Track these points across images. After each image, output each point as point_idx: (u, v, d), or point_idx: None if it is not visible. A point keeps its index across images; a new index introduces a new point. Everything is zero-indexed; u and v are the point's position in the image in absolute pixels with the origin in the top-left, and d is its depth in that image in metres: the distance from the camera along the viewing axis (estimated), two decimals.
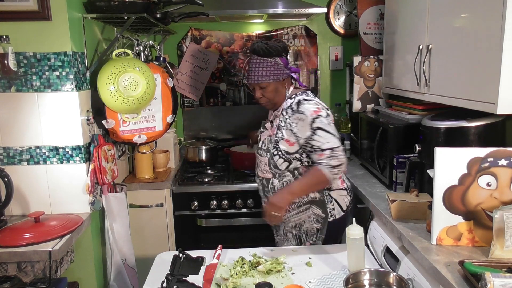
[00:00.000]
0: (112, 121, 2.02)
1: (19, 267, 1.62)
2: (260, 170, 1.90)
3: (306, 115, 1.73)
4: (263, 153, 1.87)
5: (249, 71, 1.80)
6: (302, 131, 1.74)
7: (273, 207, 1.64)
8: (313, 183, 1.73)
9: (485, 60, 1.52)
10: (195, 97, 3.08)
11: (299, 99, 1.79)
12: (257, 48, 1.77)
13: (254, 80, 1.79)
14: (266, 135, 1.88)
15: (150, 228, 2.54)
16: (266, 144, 1.86)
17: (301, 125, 1.74)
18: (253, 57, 1.79)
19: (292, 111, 1.78)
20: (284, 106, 1.83)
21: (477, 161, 1.40)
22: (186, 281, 1.32)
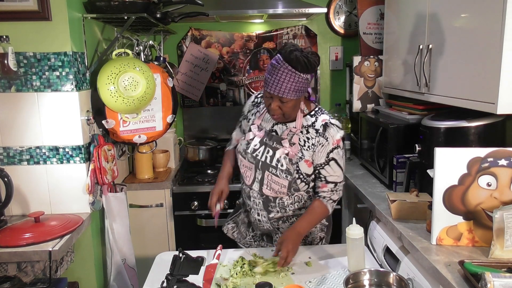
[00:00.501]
0: (112, 121, 2.02)
1: (19, 267, 1.62)
2: (269, 189, 1.68)
3: (329, 143, 1.62)
4: (281, 174, 1.63)
5: (274, 79, 1.51)
6: (319, 157, 1.64)
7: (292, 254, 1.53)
8: (318, 220, 1.70)
9: (485, 60, 1.52)
10: (195, 97, 3.08)
11: (326, 122, 1.64)
12: (295, 59, 1.48)
13: (279, 93, 1.51)
14: (281, 153, 1.63)
15: (150, 228, 2.54)
16: (285, 165, 1.62)
17: (320, 150, 1.63)
18: (285, 66, 1.49)
19: (316, 133, 1.63)
20: (304, 123, 1.65)
21: (477, 161, 1.40)
22: (186, 281, 1.32)
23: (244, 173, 1.75)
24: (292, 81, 1.50)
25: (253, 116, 1.78)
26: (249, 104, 1.84)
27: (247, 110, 1.83)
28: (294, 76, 1.50)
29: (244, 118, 1.84)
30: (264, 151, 1.67)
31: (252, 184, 1.72)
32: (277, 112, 1.59)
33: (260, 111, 1.76)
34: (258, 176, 1.69)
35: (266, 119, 1.72)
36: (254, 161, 1.69)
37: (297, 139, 1.64)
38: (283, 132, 1.67)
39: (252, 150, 1.69)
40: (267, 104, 1.60)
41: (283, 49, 1.52)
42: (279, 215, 1.73)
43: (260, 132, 1.70)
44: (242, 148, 1.74)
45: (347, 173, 2.52)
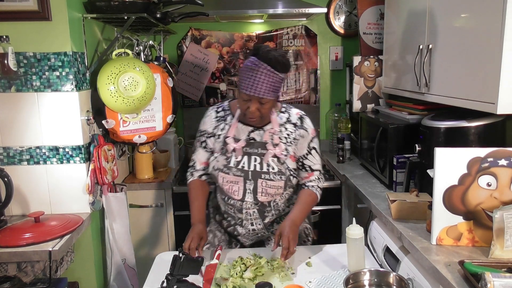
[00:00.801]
0: (112, 121, 2.02)
1: (19, 267, 1.62)
2: (265, 194, 1.66)
3: (308, 133, 1.69)
4: (275, 177, 1.64)
5: (253, 81, 1.49)
6: (300, 149, 1.69)
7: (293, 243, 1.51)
8: (310, 208, 1.73)
9: (485, 60, 1.52)
10: (195, 97, 3.08)
11: (300, 115, 1.70)
12: (274, 59, 1.49)
13: (260, 94, 1.50)
14: (269, 157, 1.63)
15: (150, 228, 2.54)
16: (276, 167, 1.64)
17: (301, 142, 1.68)
18: (264, 66, 1.49)
19: (295, 126, 1.67)
20: (279, 121, 1.66)
21: (477, 161, 1.40)
22: (186, 281, 1.32)
23: (230, 189, 1.68)
24: (271, 81, 1.50)
25: (221, 131, 1.69)
26: (212, 120, 1.73)
27: (211, 127, 1.72)
28: (273, 76, 1.50)
29: (208, 136, 1.72)
30: (250, 160, 1.64)
31: (244, 197, 1.67)
32: (256, 115, 1.56)
33: (229, 123, 1.69)
34: (249, 186, 1.65)
35: (239, 129, 1.67)
36: (242, 173, 1.64)
37: (277, 138, 1.65)
38: (262, 136, 1.65)
39: (236, 163, 1.64)
40: (244, 108, 1.56)
41: (259, 50, 1.52)
42: (274, 218, 1.74)
43: (239, 143, 1.64)
44: (221, 164, 1.66)
45: (347, 173, 2.52)
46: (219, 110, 1.74)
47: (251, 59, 1.52)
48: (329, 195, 2.57)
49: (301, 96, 3.13)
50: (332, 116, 3.06)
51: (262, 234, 1.77)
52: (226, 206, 1.75)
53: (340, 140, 2.78)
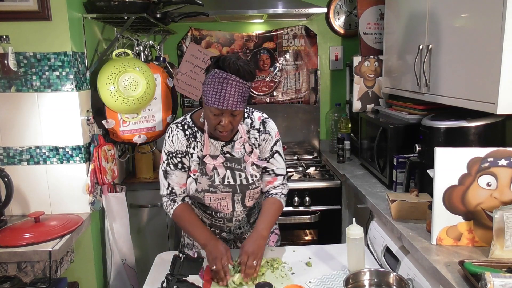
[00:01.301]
0: (112, 121, 2.02)
1: (19, 267, 1.62)
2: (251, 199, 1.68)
3: (272, 136, 1.65)
4: (258, 183, 1.65)
5: (224, 94, 1.41)
6: (263, 152, 1.65)
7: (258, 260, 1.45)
8: (276, 217, 1.66)
9: (485, 60, 1.52)
10: (195, 97, 3.08)
11: (262, 119, 1.65)
12: (242, 70, 1.43)
13: (232, 107, 1.43)
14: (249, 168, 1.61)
15: (150, 228, 2.54)
16: (257, 174, 1.64)
17: (264, 146, 1.65)
18: (233, 78, 1.42)
19: (258, 132, 1.63)
20: (245, 128, 1.62)
21: (477, 161, 1.40)
22: (186, 281, 1.32)
23: (218, 206, 1.64)
24: (241, 92, 1.44)
25: (194, 150, 1.59)
26: (181, 139, 1.59)
27: (183, 146, 1.59)
28: (243, 87, 1.44)
29: (183, 156, 1.59)
30: (234, 175, 1.61)
31: (233, 209, 1.66)
32: (228, 128, 1.49)
33: (201, 141, 1.60)
34: (237, 198, 1.64)
35: (211, 146, 1.60)
36: (231, 188, 1.61)
37: (248, 146, 1.62)
38: (233, 148, 1.61)
39: (221, 180, 1.60)
40: (215, 123, 1.47)
41: (224, 62, 1.43)
42: (257, 215, 1.75)
43: (218, 160, 1.58)
44: (205, 185, 1.60)
45: (347, 173, 2.52)
46: (185, 127, 1.60)
47: (216, 72, 1.43)
48: (329, 195, 2.57)
49: (301, 96, 3.13)
50: (332, 116, 3.06)
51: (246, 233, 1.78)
52: (213, 220, 1.71)
53: (340, 140, 2.78)
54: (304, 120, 3.13)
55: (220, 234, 1.74)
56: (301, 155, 3.15)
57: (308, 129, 3.14)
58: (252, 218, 1.76)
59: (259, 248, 1.48)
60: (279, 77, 3.09)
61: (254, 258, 1.44)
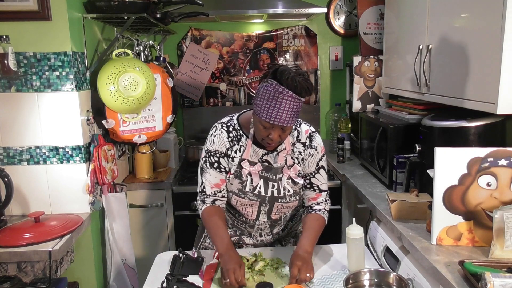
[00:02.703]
0: (112, 121, 2.02)
1: (19, 267, 1.62)
2: (278, 213, 1.64)
3: (318, 152, 1.61)
4: (290, 199, 1.61)
5: (278, 109, 1.37)
6: (308, 167, 1.62)
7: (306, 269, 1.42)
8: (319, 233, 1.61)
9: (485, 60, 1.52)
10: (195, 97, 3.08)
11: (309, 133, 1.62)
12: (300, 86, 1.37)
13: (284, 123, 1.39)
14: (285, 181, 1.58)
15: (150, 228, 2.54)
16: (291, 189, 1.60)
17: (310, 160, 1.61)
18: (289, 94, 1.37)
19: (303, 146, 1.60)
20: (291, 141, 1.59)
21: (477, 161, 1.40)
22: (186, 281, 1.32)
23: (243, 210, 1.63)
24: (295, 108, 1.40)
25: (235, 154, 1.57)
26: (224, 140, 1.57)
27: (224, 147, 1.57)
28: (298, 103, 1.39)
29: (221, 156, 1.57)
30: (267, 186, 1.58)
31: (257, 217, 1.64)
32: (276, 141, 1.47)
33: (244, 145, 1.57)
34: (264, 208, 1.62)
35: (252, 152, 1.57)
36: (259, 198, 1.59)
37: (290, 159, 1.58)
38: (276, 158, 1.58)
39: (252, 188, 1.58)
40: (263, 134, 1.45)
41: (282, 74, 1.38)
42: (282, 227, 1.74)
43: (256, 167, 1.56)
44: (235, 188, 1.59)
45: (347, 173, 2.52)
46: (230, 129, 1.58)
47: (272, 84, 1.38)
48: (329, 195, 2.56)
49: None
50: (332, 116, 3.06)
51: (269, 243, 1.76)
52: (235, 221, 1.71)
53: (340, 140, 2.78)
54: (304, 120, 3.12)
55: (241, 236, 1.73)
56: None
57: None
58: (276, 229, 1.71)
59: (308, 263, 1.44)
60: None
61: (306, 271, 1.40)
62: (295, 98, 1.38)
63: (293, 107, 1.39)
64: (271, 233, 1.72)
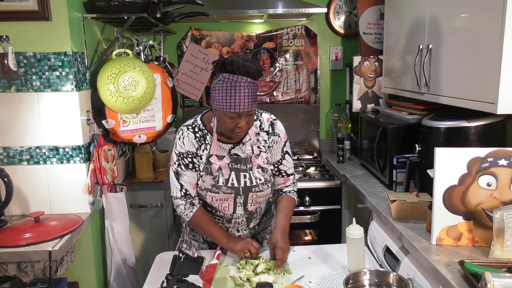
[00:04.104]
0: (112, 121, 2.02)
1: (19, 267, 1.62)
2: (254, 203, 1.67)
3: (281, 138, 1.67)
4: (263, 187, 1.65)
5: (239, 97, 1.43)
6: (274, 154, 1.68)
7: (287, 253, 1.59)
8: (291, 212, 1.73)
9: (485, 60, 1.52)
10: (195, 97, 3.07)
11: (271, 120, 1.67)
12: (251, 70, 1.44)
13: (248, 108, 1.46)
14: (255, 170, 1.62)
15: (150, 228, 2.54)
16: (262, 178, 1.64)
17: (275, 148, 1.68)
18: (244, 79, 1.43)
19: (267, 134, 1.65)
20: (254, 130, 1.64)
21: (477, 161, 1.40)
22: (186, 281, 1.32)
23: (219, 206, 1.65)
24: (253, 92, 1.47)
25: (203, 152, 1.61)
26: (192, 141, 1.60)
27: (194, 147, 1.60)
28: (254, 86, 1.47)
29: (193, 156, 1.61)
30: (239, 176, 1.62)
31: (234, 211, 1.66)
32: (245, 129, 1.51)
33: (209, 142, 1.61)
34: (239, 200, 1.64)
35: (220, 148, 1.61)
36: (233, 190, 1.62)
37: (256, 148, 1.64)
38: (243, 149, 1.62)
39: (225, 181, 1.61)
40: (231, 126, 1.49)
41: (231, 65, 1.43)
42: (257, 221, 1.76)
43: (224, 160, 1.60)
44: (208, 184, 1.61)
45: (347, 173, 2.52)
46: (196, 129, 1.62)
47: (225, 76, 1.44)
48: (329, 195, 2.57)
49: (301, 96, 3.13)
50: (332, 116, 3.06)
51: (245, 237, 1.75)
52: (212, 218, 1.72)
53: (340, 140, 2.78)
54: (304, 120, 3.13)
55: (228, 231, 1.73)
56: (301, 155, 3.15)
57: (308, 129, 3.14)
58: (252, 223, 1.74)
59: (287, 243, 1.59)
60: (279, 77, 3.09)
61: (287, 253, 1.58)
62: (251, 82, 1.46)
63: (251, 91, 1.46)
64: (247, 228, 1.73)
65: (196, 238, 1.81)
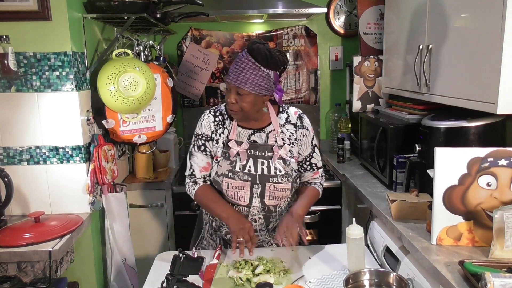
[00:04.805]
0: (112, 121, 2.02)
1: (19, 267, 1.62)
2: (272, 198, 1.63)
3: (309, 131, 1.70)
4: (282, 179, 1.61)
5: (235, 70, 1.50)
6: (305, 148, 1.70)
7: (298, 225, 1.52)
8: (312, 202, 1.72)
9: (485, 60, 1.52)
10: (195, 97, 3.08)
11: (299, 114, 1.70)
12: (257, 50, 1.48)
13: (236, 82, 1.49)
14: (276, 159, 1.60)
15: (150, 228, 2.54)
16: (282, 169, 1.61)
17: (304, 141, 1.69)
18: (247, 56, 1.50)
19: (295, 127, 1.67)
20: (279, 122, 1.66)
21: (477, 161, 1.40)
22: (186, 281, 1.32)
23: (235, 195, 1.62)
24: (251, 73, 1.48)
25: (220, 136, 1.64)
26: (210, 124, 1.66)
27: (209, 131, 1.66)
28: (254, 68, 1.49)
29: (207, 140, 1.66)
30: (257, 163, 1.60)
31: (250, 202, 1.63)
32: (235, 107, 1.54)
33: (228, 128, 1.65)
34: (256, 191, 1.61)
35: (239, 132, 1.64)
36: (250, 177, 1.60)
37: (281, 140, 1.64)
38: (263, 138, 1.64)
39: (242, 167, 1.60)
40: (226, 98, 1.58)
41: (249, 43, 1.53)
42: (277, 223, 1.72)
43: (243, 146, 1.60)
44: (225, 169, 1.61)
45: (347, 173, 2.52)
46: (217, 114, 1.68)
47: (243, 51, 1.54)
48: (329, 195, 2.57)
49: (301, 96, 3.13)
50: (332, 116, 3.06)
51: (264, 239, 1.74)
52: None
53: (340, 140, 2.78)
54: None
55: None
56: None
57: None
58: (271, 224, 1.71)
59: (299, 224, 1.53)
60: None
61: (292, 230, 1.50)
62: (251, 61, 1.49)
63: (247, 70, 1.49)
64: (266, 229, 1.71)
65: (213, 238, 1.80)
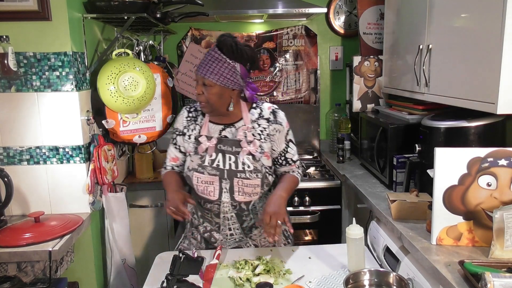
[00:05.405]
0: (112, 121, 2.02)
1: (19, 267, 1.62)
2: (242, 194, 1.63)
3: (283, 126, 1.68)
4: (251, 175, 1.61)
5: (202, 62, 1.55)
6: (278, 144, 1.69)
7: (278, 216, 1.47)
8: (294, 187, 1.70)
9: (485, 60, 1.52)
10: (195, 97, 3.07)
11: (273, 109, 1.69)
12: (224, 42, 1.54)
13: (202, 73, 1.54)
14: (243, 155, 1.60)
15: (150, 228, 2.54)
16: (251, 165, 1.61)
17: (278, 137, 1.68)
18: (213, 48, 1.55)
19: (268, 122, 1.66)
20: (251, 118, 1.66)
21: (477, 161, 1.40)
22: (186, 281, 1.32)
23: (205, 190, 1.65)
24: (216, 64, 1.52)
25: (192, 131, 1.68)
26: (183, 119, 1.72)
27: (182, 126, 1.71)
28: (220, 60, 1.52)
29: (179, 134, 1.72)
30: (225, 158, 1.62)
31: (220, 197, 1.64)
32: (201, 98, 1.59)
33: (200, 123, 1.69)
34: (225, 186, 1.62)
35: (211, 128, 1.66)
36: (218, 172, 1.62)
37: (251, 135, 1.63)
38: (234, 134, 1.64)
39: (210, 162, 1.62)
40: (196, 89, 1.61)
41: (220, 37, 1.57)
42: (252, 222, 1.72)
43: (212, 140, 1.62)
44: (195, 164, 1.64)
45: (347, 173, 2.52)
46: (191, 110, 1.74)
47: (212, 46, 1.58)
48: (329, 195, 2.57)
49: (301, 96, 3.13)
50: (332, 116, 3.06)
51: (240, 239, 1.73)
52: (203, 211, 1.74)
53: (340, 140, 2.78)
54: (304, 120, 3.13)
55: (211, 232, 1.73)
56: (301, 155, 3.14)
57: (308, 129, 3.14)
58: (246, 223, 1.71)
59: (280, 208, 1.51)
60: (279, 77, 3.09)
61: (277, 217, 1.47)
62: (217, 52, 1.54)
63: (213, 61, 1.53)
64: (240, 227, 1.71)
65: (194, 236, 1.80)
